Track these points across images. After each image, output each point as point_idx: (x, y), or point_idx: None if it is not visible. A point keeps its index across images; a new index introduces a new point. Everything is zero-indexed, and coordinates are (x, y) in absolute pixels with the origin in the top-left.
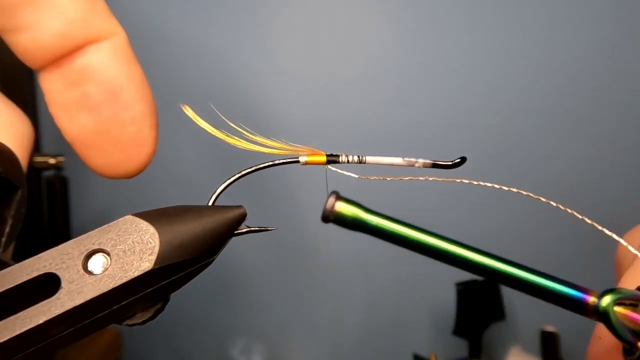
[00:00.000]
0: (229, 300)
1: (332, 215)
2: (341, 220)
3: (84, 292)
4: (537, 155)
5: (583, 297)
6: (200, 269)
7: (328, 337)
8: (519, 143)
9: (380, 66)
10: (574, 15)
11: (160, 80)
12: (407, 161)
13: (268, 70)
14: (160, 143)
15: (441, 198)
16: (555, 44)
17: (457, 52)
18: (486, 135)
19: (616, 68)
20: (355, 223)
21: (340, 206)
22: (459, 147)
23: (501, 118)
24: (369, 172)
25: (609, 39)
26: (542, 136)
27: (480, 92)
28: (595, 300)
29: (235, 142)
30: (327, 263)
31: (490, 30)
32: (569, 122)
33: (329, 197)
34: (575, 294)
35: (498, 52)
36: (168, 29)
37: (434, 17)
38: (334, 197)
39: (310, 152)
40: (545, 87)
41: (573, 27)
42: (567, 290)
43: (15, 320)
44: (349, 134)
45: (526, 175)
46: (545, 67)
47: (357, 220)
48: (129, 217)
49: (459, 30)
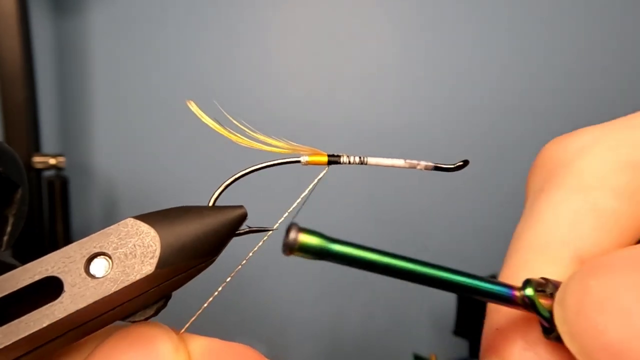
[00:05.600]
0: (229, 300)
1: (296, 246)
2: (305, 250)
3: (87, 296)
4: (536, 155)
5: (512, 292)
6: (201, 268)
7: (328, 337)
8: (518, 143)
9: (381, 66)
10: (574, 15)
11: (161, 80)
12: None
13: (269, 70)
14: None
15: (442, 197)
16: (555, 44)
17: (457, 52)
18: (486, 135)
19: (616, 68)
20: (319, 252)
21: (303, 237)
22: (459, 146)
23: (501, 118)
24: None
25: (609, 39)
26: (542, 136)
27: (481, 92)
28: (522, 293)
29: (237, 140)
30: (327, 263)
31: (490, 30)
32: (569, 122)
33: (288, 231)
34: (506, 290)
35: (498, 52)
36: (172, 27)
37: (435, 18)
38: (295, 229)
39: (312, 152)
40: (545, 87)
41: (573, 28)
42: (500, 288)
43: (19, 324)
44: (350, 134)
45: (526, 174)
46: (545, 67)
47: (322, 249)
48: (130, 220)
49: (459, 30)
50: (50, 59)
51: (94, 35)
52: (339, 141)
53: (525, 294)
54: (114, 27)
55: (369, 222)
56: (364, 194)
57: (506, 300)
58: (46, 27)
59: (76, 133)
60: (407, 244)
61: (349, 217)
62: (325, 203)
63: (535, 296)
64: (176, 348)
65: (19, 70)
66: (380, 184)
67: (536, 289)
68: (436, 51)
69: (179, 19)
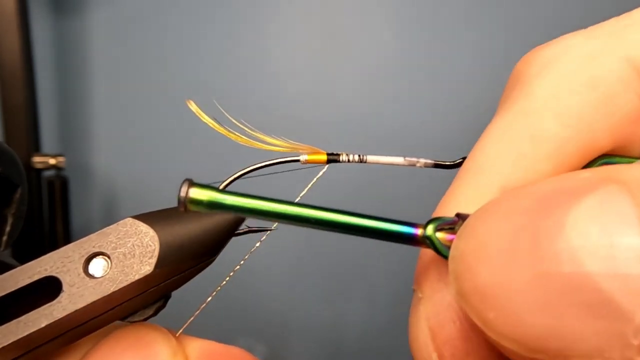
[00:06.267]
0: (229, 300)
1: (187, 200)
2: (197, 203)
3: (85, 296)
4: None
5: (414, 232)
6: (200, 268)
7: (328, 337)
8: None
9: (381, 65)
10: (575, 15)
11: (161, 80)
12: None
13: (268, 70)
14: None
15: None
16: None
17: (457, 51)
18: None
19: None
20: (211, 205)
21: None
22: (459, 145)
23: None
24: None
25: None
26: None
27: (481, 91)
28: (422, 232)
29: (236, 139)
30: (327, 263)
31: (490, 29)
32: None
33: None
34: (408, 230)
35: (498, 50)
36: (173, 27)
37: (435, 17)
38: (186, 185)
39: (311, 151)
40: None
41: (574, 27)
42: (403, 228)
43: (18, 323)
44: (349, 133)
45: None
46: None
47: (213, 202)
48: (129, 219)
49: (459, 29)
50: (50, 59)
51: (94, 35)
52: (339, 140)
53: (425, 233)
54: (114, 27)
55: None
56: (363, 192)
57: (410, 240)
58: (46, 27)
59: (76, 133)
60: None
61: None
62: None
63: (434, 236)
64: (174, 352)
65: (19, 70)
66: (380, 183)
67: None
68: (436, 49)
69: (179, 19)
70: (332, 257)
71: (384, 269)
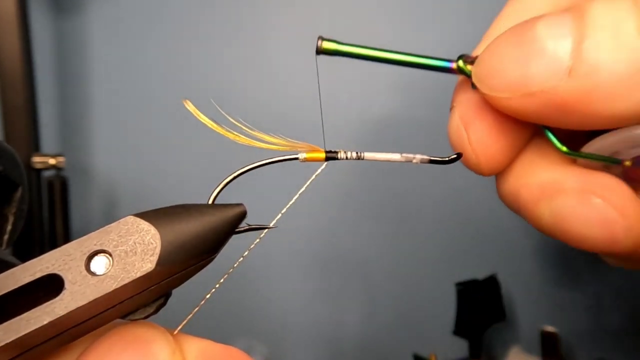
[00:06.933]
0: (229, 299)
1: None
2: (326, 51)
3: (87, 293)
4: None
5: (450, 64)
6: (201, 266)
7: (328, 337)
8: None
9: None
10: None
11: (161, 80)
12: (405, 157)
13: (268, 69)
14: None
15: (442, 196)
16: None
17: (457, 50)
18: None
19: None
20: (334, 52)
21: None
22: None
23: None
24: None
25: None
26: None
27: None
28: (457, 63)
29: (235, 137)
30: (327, 262)
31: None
32: None
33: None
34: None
35: None
36: (173, 27)
37: (435, 16)
38: (320, 39)
39: (309, 149)
40: None
41: None
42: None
43: (20, 321)
44: (348, 131)
45: None
46: None
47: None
48: (130, 217)
49: (459, 28)
50: (50, 59)
51: (94, 35)
52: (338, 139)
53: (458, 64)
54: (114, 27)
55: (367, 218)
56: (362, 190)
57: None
58: (46, 27)
59: (76, 133)
60: (406, 241)
61: (347, 212)
62: (325, 199)
63: (464, 64)
64: (172, 351)
65: (18, 70)
66: (379, 181)
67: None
68: (435, 48)
69: (179, 19)
70: (332, 257)
71: (384, 269)
